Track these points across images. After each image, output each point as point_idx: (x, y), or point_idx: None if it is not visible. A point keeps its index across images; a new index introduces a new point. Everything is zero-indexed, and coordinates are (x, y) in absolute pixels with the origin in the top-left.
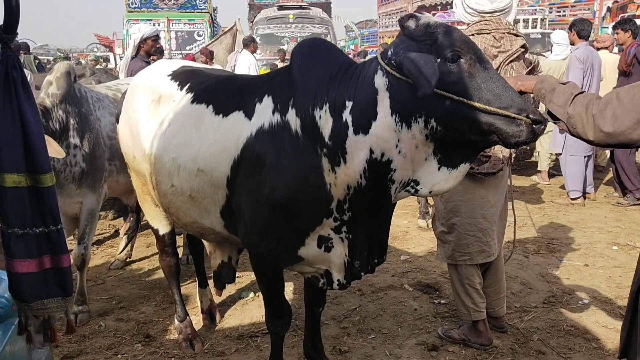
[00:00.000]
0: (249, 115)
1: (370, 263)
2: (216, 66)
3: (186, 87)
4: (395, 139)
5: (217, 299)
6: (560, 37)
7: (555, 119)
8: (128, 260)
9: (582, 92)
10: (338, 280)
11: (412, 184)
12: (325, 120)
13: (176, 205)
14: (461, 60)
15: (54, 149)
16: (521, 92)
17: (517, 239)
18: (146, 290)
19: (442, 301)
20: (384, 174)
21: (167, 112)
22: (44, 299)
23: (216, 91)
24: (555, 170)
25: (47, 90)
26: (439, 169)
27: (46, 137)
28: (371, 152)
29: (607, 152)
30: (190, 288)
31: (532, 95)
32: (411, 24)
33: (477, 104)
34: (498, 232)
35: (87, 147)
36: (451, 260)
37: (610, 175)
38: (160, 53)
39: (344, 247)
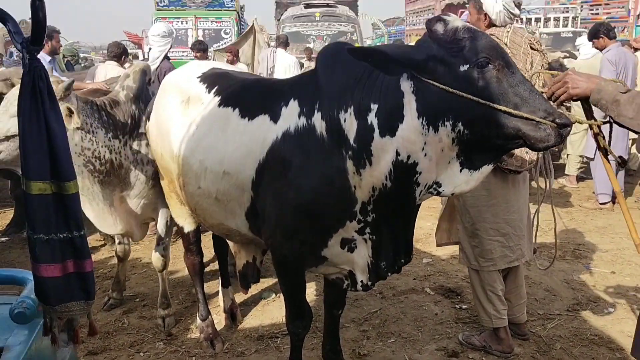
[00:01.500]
0: (275, 118)
1: (396, 263)
2: (241, 65)
3: (214, 89)
4: (422, 141)
5: (238, 299)
6: (584, 40)
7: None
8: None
9: None
10: (362, 281)
11: (434, 185)
12: (350, 123)
13: (203, 207)
14: (490, 65)
15: (73, 121)
16: (570, 99)
17: (542, 243)
18: (170, 288)
19: (464, 306)
20: (409, 176)
21: (195, 114)
22: (68, 302)
23: (243, 95)
24: (584, 174)
25: (123, 83)
26: (460, 170)
27: (70, 106)
28: (397, 154)
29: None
30: (213, 287)
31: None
32: (439, 27)
33: (505, 109)
34: (525, 237)
35: None
36: (474, 265)
37: None
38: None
39: (367, 248)
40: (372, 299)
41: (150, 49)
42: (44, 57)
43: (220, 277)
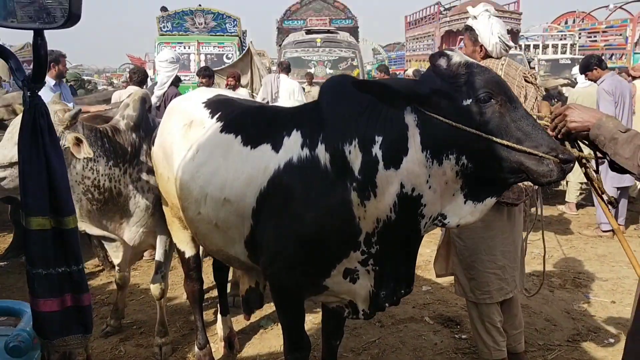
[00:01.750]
0: (277, 148)
1: (396, 294)
2: (242, 90)
3: (217, 115)
4: (426, 174)
5: (237, 327)
6: None
7: (619, 168)
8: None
9: None
10: (363, 310)
11: (439, 217)
12: (355, 155)
13: (202, 233)
14: (492, 100)
15: (84, 150)
16: (569, 133)
17: (540, 271)
18: (167, 315)
19: (463, 336)
20: (414, 208)
21: (196, 138)
22: (65, 336)
23: (245, 122)
24: (584, 201)
25: (123, 112)
26: (465, 202)
27: (79, 136)
28: (402, 186)
29: (638, 184)
30: (211, 315)
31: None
32: (442, 62)
33: (507, 143)
34: (519, 268)
35: None
36: (470, 297)
37: None
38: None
39: (370, 279)
40: (370, 328)
41: (156, 74)
42: (48, 81)
43: (219, 305)
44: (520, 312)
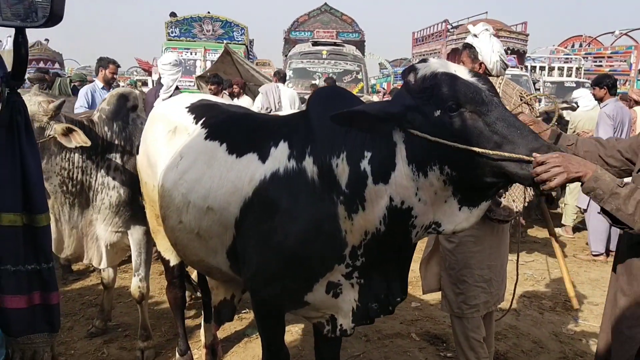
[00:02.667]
0: (263, 158)
1: (390, 303)
2: (245, 99)
3: (202, 121)
4: (414, 187)
5: (221, 334)
6: (582, 93)
7: (618, 222)
8: None
9: None
10: (341, 325)
11: (433, 225)
12: (342, 169)
13: (183, 242)
14: (461, 109)
15: (81, 138)
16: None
17: (535, 293)
18: (153, 319)
19: (449, 354)
20: (404, 220)
21: (180, 145)
22: (31, 334)
23: (231, 129)
24: (581, 224)
25: (100, 106)
26: (459, 208)
27: (70, 126)
28: (391, 199)
29: None
30: (197, 321)
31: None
32: (411, 78)
33: (480, 150)
34: (503, 282)
35: (129, 174)
36: (457, 313)
37: None
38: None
39: (354, 293)
40: (356, 342)
41: (159, 77)
42: (97, 83)
43: (203, 312)
44: (493, 333)
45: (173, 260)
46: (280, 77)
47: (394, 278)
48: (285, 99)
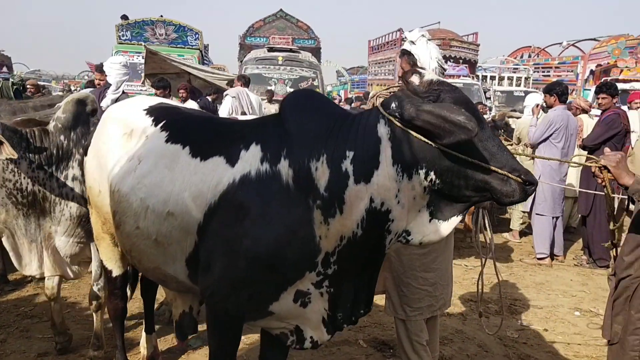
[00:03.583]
0: (232, 161)
1: (354, 314)
2: (191, 102)
3: (162, 124)
4: (396, 188)
5: (162, 346)
6: (533, 100)
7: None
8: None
9: None
10: (311, 337)
11: (404, 233)
12: (322, 172)
13: (139, 249)
14: None
15: (7, 151)
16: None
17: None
18: (91, 331)
19: None
20: (382, 223)
21: (138, 148)
22: None
23: (195, 132)
24: (527, 229)
25: (55, 114)
26: (430, 220)
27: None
28: (371, 200)
29: (579, 214)
30: (137, 332)
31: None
32: (415, 79)
33: (475, 161)
34: (449, 286)
35: None
36: (400, 315)
37: (580, 237)
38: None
39: (323, 302)
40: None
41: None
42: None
43: (144, 322)
44: (438, 337)
45: (116, 271)
46: (245, 81)
47: (361, 288)
48: (255, 103)
